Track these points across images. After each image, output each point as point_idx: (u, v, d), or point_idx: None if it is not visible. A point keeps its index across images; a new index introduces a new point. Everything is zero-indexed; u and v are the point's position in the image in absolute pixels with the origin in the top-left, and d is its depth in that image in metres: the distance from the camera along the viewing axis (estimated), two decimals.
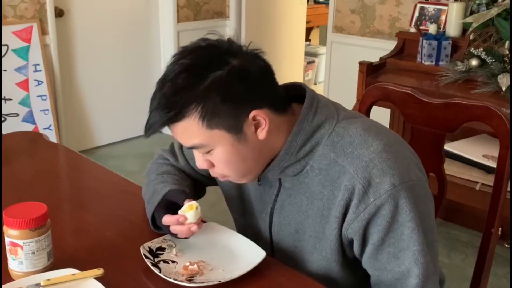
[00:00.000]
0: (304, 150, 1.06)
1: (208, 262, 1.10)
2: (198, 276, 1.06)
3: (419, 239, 1.01)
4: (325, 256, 1.09)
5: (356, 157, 1.02)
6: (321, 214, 1.07)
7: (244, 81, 0.99)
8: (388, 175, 1.00)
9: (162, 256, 1.12)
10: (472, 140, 2.81)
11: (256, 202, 1.19)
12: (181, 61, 0.99)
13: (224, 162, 1.04)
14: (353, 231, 1.04)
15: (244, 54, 1.01)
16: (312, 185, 1.07)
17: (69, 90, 3.73)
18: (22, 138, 1.88)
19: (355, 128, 1.05)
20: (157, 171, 1.28)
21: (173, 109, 0.98)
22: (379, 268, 1.05)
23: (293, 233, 1.13)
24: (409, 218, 1.00)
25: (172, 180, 1.22)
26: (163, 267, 1.08)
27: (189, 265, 1.08)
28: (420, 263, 1.02)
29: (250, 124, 1.01)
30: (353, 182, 1.01)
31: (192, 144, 1.03)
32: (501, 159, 1.26)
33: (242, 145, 1.02)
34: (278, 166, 1.07)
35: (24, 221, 1.00)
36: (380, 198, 0.99)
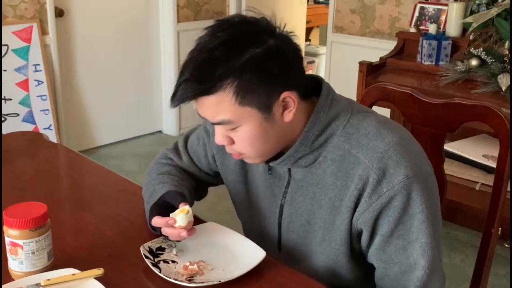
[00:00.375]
0: (318, 141, 1.07)
1: (208, 262, 1.10)
2: (198, 276, 1.06)
3: (428, 232, 1.02)
4: (334, 247, 1.10)
5: (371, 148, 1.03)
6: (332, 204, 1.08)
7: (280, 61, 0.99)
8: (402, 167, 1.01)
9: (162, 256, 1.12)
10: (472, 140, 2.81)
11: (265, 195, 1.19)
12: (219, 34, 0.98)
13: (247, 140, 1.04)
14: (364, 221, 1.04)
15: (279, 35, 1.01)
16: (325, 176, 1.08)
17: (69, 90, 3.73)
18: (22, 138, 1.88)
19: (370, 121, 1.07)
20: (158, 170, 1.28)
21: (208, 82, 0.97)
22: (385, 261, 1.06)
23: (304, 224, 1.13)
24: (420, 210, 1.01)
25: (172, 181, 1.22)
26: (163, 267, 1.08)
27: (189, 265, 1.08)
28: (427, 255, 1.03)
29: (279, 105, 1.02)
30: (368, 172, 1.02)
31: (219, 120, 1.01)
32: (501, 159, 1.26)
33: (268, 125, 1.02)
34: (292, 156, 1.08)
35: (24, 221, 1.00)
36: (393, 189, 1.00)
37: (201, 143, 1.29)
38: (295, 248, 1.16)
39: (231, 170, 1.24)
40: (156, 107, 4.31)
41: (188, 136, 1.34)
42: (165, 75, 4.24)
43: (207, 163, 1.30)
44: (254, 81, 0.97)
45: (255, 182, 1.21)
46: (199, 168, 1.32)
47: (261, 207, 1.21)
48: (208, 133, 1.27)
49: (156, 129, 4.36)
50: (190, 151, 1.31)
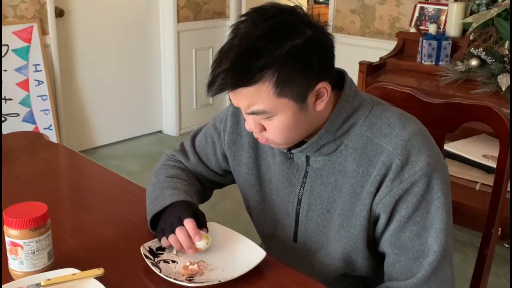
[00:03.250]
0: (342, 129, 1.08)
1: (208, 262, 1.10)
2: (198, 276, 1.06)
3: (443, 218, 1.05)
4: (353, 233, 1.11)
5: (395, 136, 1.06)
6: (353, 191, 1.09)
7: (318, 52, 1.00)
8: (424, 155, 1.04)
9: (162, 256, 1.12)
10: (472, 140, 2.81)
11: (282, 186, 1.19)
12: (260, 24, 0.97)
13: (280, 129, 1.05)
14: (383, 206, 1.06)
15: (315, 26, 1.01)
16: (346, 164, 1.09)
17: (69, 90, 3.73)
18: (22, 138, 1.88)
19: (392, 112, 1.10)
20: (166, 173, 1.27)
21: (249, 73, 0.96)
22: (399, 247, 1.07)
23: (324, 213, 1.14)
24: (437, 197, 1.04)
25: (181, 185, 1.22)
26: (163, 267, 1.08)
27: (189, 265, 1.08)
28: (440, 241, 1.04)
29: (313, 95, 1.03)
30: (392, 158, 1.04)
31: (255, 110, 1.02)
32: (501, 159, 1.26)
33: (302, 114, 1.04)
34: (316, 144, 1.09)
35: (24, 221, 1.00)
36: (415, 175, 1.03)
37: (210, 141, 1.29)
38: (313, 237, 1.17)
39: (244, 164, 1.24)
40: (156, 107, 4.31)
41: (195, 136, 1.34)
42: (165, 75, 4.24)
43: (216, 161, 1.30)
44: (294, 73, 0.98)
45: (269, 174, 1.21)
46: (208, 167, 1.32)
47: (276, 198, 1.21)
48: (218, 131, 1.28)
49: (156, 129, 4.36)
50: (198, 150, 1.31)
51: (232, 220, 2.64)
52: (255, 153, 1.22)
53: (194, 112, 4.37)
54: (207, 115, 4.33)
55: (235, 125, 1.23)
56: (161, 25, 4.14)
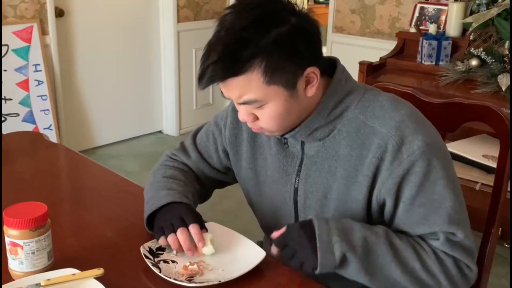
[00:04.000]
0: (334, 113, 1.09)
1: (208, 262, 1.10)
2: (198, 276, 1.06)
3: (452, 197, 1.03)
4: (350, 218, 1.09)
5: (388, 118, 1.06)
6: (347, 175, 1.09)
7: (304, 38, 1.02)
8: (419, 134, 1.04)
9: (162, 256, 1.12)
10: (472, 140, 2.81)
11: (278, 176, 1.20)
12: (245, 15, 0.99)
13: (272, 117, 1.06)
14: (387, 190, 1.05)
15: (299, 13, 1.03)
16: (340, 148, 1.09)
17: (69, 90, 3.73)
18: (22, 138, 1.88)
19: (384, 95, 1.11)
20: (164, 173, 1.28)
21: (237, 63, 0.98)
22: (407, 231, 1.06)
23: (321, 199, 1.14)
24: (441, 176, 1.03)
25: (177, 186, 1.22)
26: (163, 267, 1.08)
27: (189, 265, 1.08)
28: (455, 219, 1.03)
29: (303, 81, 1.04)
30: (386, 140, 1.04)
31: (246, 99, 1.03)
32: (501, 159, 1.26)
33: (293, 100, 1.05)
34: (308, 127, 1.10)
35: (24, 221, 1.00)
36: (413, 155, 1.02)
37: (211, 138, 1.30)
38: None
39: (244, 158, 1.25)
40: (156, 107, 4.30)
41: (196, 133, 1.35)
42: (165, 75, 4.23)
43: (218, 158, 1.30)
44: (281, 60, 0.99)
45: (265, 167, 1.22)
46: (209, 164, 1.32)
47: (273, 189, 1.22)
48: (219, 127, 1.28)
49: (156, 129, 4.36)
50: (199, 147, 1.32)
51: (232, 220, 2.64)
52: (252, 147, 1.23)
53: (194, 112, 4.37)
54: (207, 115, 4.32)
55: (236, 120, 1.24)
56: (161, 25, 4.14)
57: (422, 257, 1.02)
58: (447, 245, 1.03)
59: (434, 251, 1.03)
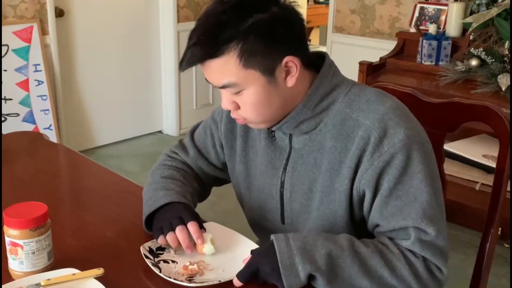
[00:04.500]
0: (320, 106, 1.10)
1: (208, 262, 1.10)
2: (198, 276, 1.06)
3: (428, 191, 1.03)
4: (332, 209, 1.11)
5: (372, 111, 1.07)
6: (331, 167, 1.10)
7: (284, 26, 1.03)
8: (402, 127, 1.05)
9: (162, 256, 1.12)
10: (472, 140, 2.82)
11: (265, 169, 1.20)
12: (226, 1, 1.02)
13: (251, 104, 1.07)
14: (366, 181, 1.06)
15: (283, 5, 1.06)
16: (325, 141, 1.10)
17: (69, 90, 3.73)
18: (22, 138, 1.88)
19: (370, 90, 1.13)
20: (162, 173, 1.28)
21: (214, 45, 1.01)
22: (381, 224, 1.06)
23: (306, 192, 1.15)
24: (419, 170, 1.03)
25: (175, 186, 1.22)
26: (163, 266, 1.08)
27: (189, 265, 1.08)
28: (429, 214, 1.02)
29: (282, 70, 1.05)
30: (369, 131, 1.05)
31: (225, 83, 1.05)
32: (501, 159, 1.26)
33: (272, 88, 1.06)
34: (294, 119, 1.10)
35: (24, 221, 1.00)
36: (394, 147, 1.03)
37: (209, 133, 1.30)
38: (299, 217, 1.17)
39: (237, 152, 1.26)
40: (156, 107, 4.31)
41: (194, 130, 1.36)
42: (165, 75, 4.23)
43: (215, 153, 1.31)
44: (258, 44, 1.01)
45: (255, 161, 1.23)
46: (207, 161, 1.32)
47: (261, 183, 1.22)
48: (216, 122, 1.29)
49: (156, 129, 4.36)
50: (198, 143, 1.32)
51: (232, 220, 2.64)
52: (245, 141, 1.24)
53: (194, 112, 4.37)
54: (207, 115, 4.29)
55: (229, 119, 1.24)
56: (161, 25, 4.14)
57: (391, 262, 1.01)
58: (417, 245, 1.02)
59: (403, 253, 1.03)
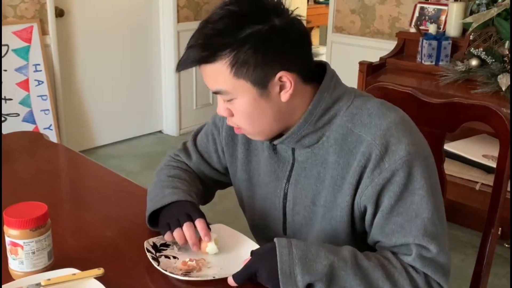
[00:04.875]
0: (322, 120, 1.09)
1: (209, 260, 1.11)
2: (195, 271, 1.07)
3: (430, 208, 1.02)
4: (334, 225, 1.11)
5: (374, 126, 1.05)
6: (334, 183, 1.09)
7: (281, 41, 1.01)
8: (403, 144, 1.03)
9: (164, 252, 1.12)
10: (472, 140, 2.82)
11: (268, 180, 1.20)
12: (227, 7, 1.02)
13: (243, 113, 1.07)
14: (367, 198, 1.05)
15: (288, 17, 1.04)
16: (328, 156, 1.09)
17: (69, 90, 3.73)
18: (22, 138, 1.88)
19: (373, 102, 1.10)
20: (168, 173, 1.28)
21: (208, 50, 1.01)
22: (383, 241, 1.06)
23: (309, 205, 1.14)
24: (420, 186, 1.02)
25: (181, 185, 1.23)
26: (163, 261, 1.09)
27: (188, 261, 1.09)
28: (430, 231, 1.02)
29: (275, 84, 1.04)
30: (371, 148, 1.03)
31: (217, 89, 1.05)
32: (501, 159, 1.26)
33: (264, 101, 1.05)
34: (296, 134, 1.09)
35: (24, 221, 1.00)
36: (395, 164, 1.02)
37: (211, 138, 1.30)
38: (301, 229, 1.17)
39: (239, 159, 1.25)
40: (156, 107, 4.30)
41: (197, 134, 1.35)
42: (165, 75, 4.23)
43: (218, 158, 1.30)
44: (251, 56, 1.00)
45: (258, 169, 1.22)
46: (210, 165, 1.32)
47: (264, 193, 1.22)
48: (218, 127, 1.29)
49: (156, 129, 4.36)
50: (200, 148, 1.32)
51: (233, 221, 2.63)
52: (247, 149, 1.23)
53: (194, 112, 4.37)
54: (207, 115, 4.32)
55: None
56: (161, 25, 4.14)
57: (393, 276, 1.00)
58: (419, 261, 1.02)
59: (405, 268, 1.02)
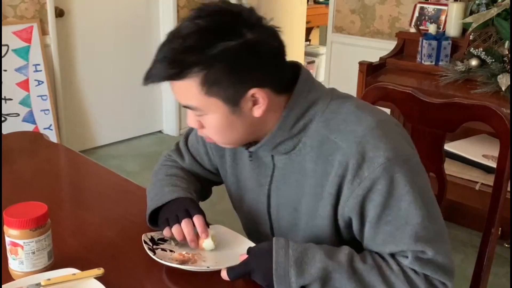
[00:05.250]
0: (297, 126, 1.05)
1: (205, 255, 1.11)
2: (190, 263, 1.07)
3: (419, 213, 0.98)
4: (317, 234, 1.08)
5: (349, 133, 1.01)
6: (313, 191, 1.06)
7: (253, 57, 0.98)
8: (381, 150, 0.98)
9: (161, 245, 1.13)
10: (472, 140, 2.82)
11: (253, 185, 1.19)
12: (196, 21, 0.97)
13: (213, 128, 1.05)
14: (350, 209, 1.02)
15: (261, 29, 1.00)
16: (305, 163, 1.06)
17: (69, 90, 3.73)
18: (22, 138, 1.88)
19: (348, 106, 1.06)
20: (166, 172, 1.28)
21: (176, 67, 0.97)
22: (376, 251, 1.03)
23: (292, 212, 1.12)
24: (406, 191, 0.98)
25: (181, 183, 1.23)
26: (159, 252, 1.09)
27: (185, 253, 1.10)
28: (423, 236, 0.98)
29: (247, 100, 1.01)
30: (347, 157, 1.00)
31: (187, 104, 1.03)
32: (501, 158, 1.26)
33: (235, 117, 1.02)
34: (271, 142, 1.07)
35: (24, 221, 1.00)
36: (374, 172, 0.98)
37: (200, 140, 1.29)
38: (288, 234, 1.15)
39: (227, 163, 1.24)
40: (156, 107, 4.30)
41: (188, 135, 1.34)
42: None
43: (209, 160, 1.30)
44: (222, 74, 0.97)
45: (244, 173, 1.21)
46: (202, 167, 1.32)
47: (251, 197, 1.21)
48: None
49: (156, 129, 4.36)
50: (191, 150, 1.32)
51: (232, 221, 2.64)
52: (234, 152, 1.21)
53: None
54: None
55: None
56: (161, 25, 4.14)
57: (390, 279, 0.98)
58: (417, 263, 0.99)
59: (403, 270, 0.99)
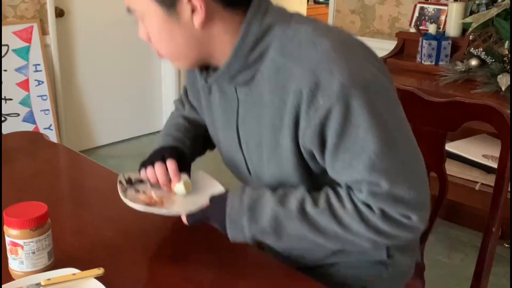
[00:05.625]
0: (253, 55, 1.01)
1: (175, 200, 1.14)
2: (155, 206, 1.10)
3: (377, 142, 0.92)
4: (281, 167, 1.05)
5: (304, 59, 0.95)
6: (272, 123, 1.02)
7: None
8: (336, 75, 0.92)
9: (136, 186, 1.18)
10: (472, 140, 2.82)
11: (224, 122, 1.16)
12: None
13: (154, 34, 1.06)
14: (309, 140, 0.98)
15: None
16: (264, 94, 1.02)
17: (69, 90, 3.73)
18: (22, 138, 1.88)
19: (305, 29, 0.99)
20: (171, 120, 1.35)
21: None
22: (337, 179, 1.00)
23: (258, 146, 1.09)
24: (364, 119, 0.92)
25: (177, 132, 1.27)
26: (131, 193, 1.14)
27: (155, 197, 1.13)
28: (379, 167, 0.93)
29: (185, 5, 0.98)
30: (300, 86, 0.94)
31: (128, 6, 1.05)
32: (502, 158, 1.26)
33: (173, 23, 1.01)
34: (227, 71, 1.03)
35: (24, 220, 1.00)
36: (329, 99, 0.92)
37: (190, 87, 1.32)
38: (258, 170, 1.13)
39: (203, 105, 1.25)
40: (156, 107, 4.31)
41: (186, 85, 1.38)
42: (165, 74, 4.24)
43: None
44: None
45: (216, 113, 1.19)
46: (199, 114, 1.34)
47: (225, 136, 1.19)
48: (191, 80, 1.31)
49: (156, 129, 4.36)
50: (190, 98, 1.35)
51: None
52: (206, 93, 1.20)
53: None
54: None
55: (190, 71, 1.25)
56: None
57: (343, 219, 0.96)
58: (371, 198, 0.95)
59: (357, 208, 0.96)
